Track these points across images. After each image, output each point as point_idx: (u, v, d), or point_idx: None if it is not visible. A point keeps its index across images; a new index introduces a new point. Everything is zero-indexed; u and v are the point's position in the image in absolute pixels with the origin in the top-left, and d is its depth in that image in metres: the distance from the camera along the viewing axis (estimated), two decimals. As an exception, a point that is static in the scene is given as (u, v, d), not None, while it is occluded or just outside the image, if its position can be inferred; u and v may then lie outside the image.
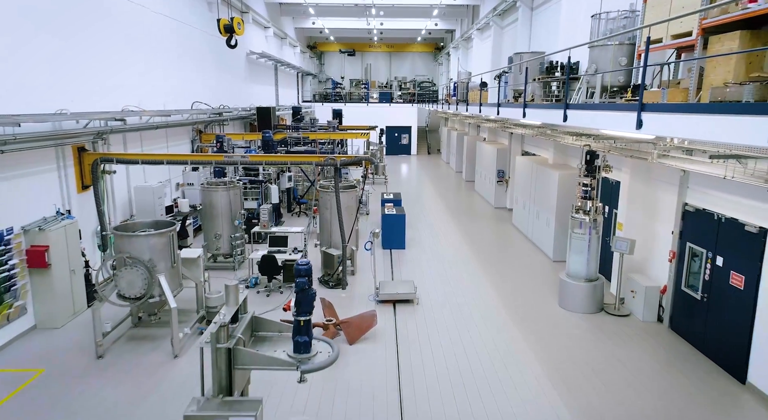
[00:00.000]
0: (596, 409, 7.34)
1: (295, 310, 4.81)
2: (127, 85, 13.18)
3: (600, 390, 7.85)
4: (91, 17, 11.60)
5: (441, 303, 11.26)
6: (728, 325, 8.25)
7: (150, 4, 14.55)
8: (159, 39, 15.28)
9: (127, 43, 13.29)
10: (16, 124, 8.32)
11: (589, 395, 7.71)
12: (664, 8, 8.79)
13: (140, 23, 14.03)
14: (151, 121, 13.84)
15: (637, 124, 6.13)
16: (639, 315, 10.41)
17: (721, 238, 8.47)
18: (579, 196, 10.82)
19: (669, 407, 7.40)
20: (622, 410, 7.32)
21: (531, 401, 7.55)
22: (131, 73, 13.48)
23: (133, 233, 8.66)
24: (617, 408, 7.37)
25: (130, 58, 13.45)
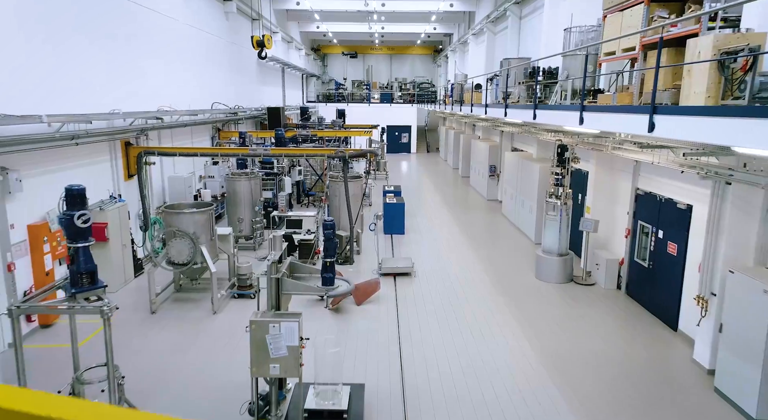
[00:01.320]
0: (557, 352, 9.21)
1: (323, 253, 6.69)
2: (161, 88, 15.05)
3: (562, 339, 9.72)
4: (131, 28, 13.46)
5: (435, 276, 13.15)
6: (665, 286, 10.12)
7: (179, 17, 16.44)
8: (185, 46, 17.16)
9: (161, 50, 15.16)
10: (88, 122, 10.21)
11: (554, 342, 9.59)
12: (618, 26, 10.67)
13: (171, 33, 15.90)
14: (180, 120, 15.72)
15: (579, 120, 8.01)
16: (602, 284, 12.29)
17: (662, 215, 10.35)
18: (552, 184, 12.72)
19: (615, 348, 9.28)
20: (580, 352, 9.20)
21: (507, 347, 9.42)
22: (164, 77, 15.35)
23: (181, 211, 10.56)
24: (576, 350, 9.25)
25: (163, 63, 15.32)
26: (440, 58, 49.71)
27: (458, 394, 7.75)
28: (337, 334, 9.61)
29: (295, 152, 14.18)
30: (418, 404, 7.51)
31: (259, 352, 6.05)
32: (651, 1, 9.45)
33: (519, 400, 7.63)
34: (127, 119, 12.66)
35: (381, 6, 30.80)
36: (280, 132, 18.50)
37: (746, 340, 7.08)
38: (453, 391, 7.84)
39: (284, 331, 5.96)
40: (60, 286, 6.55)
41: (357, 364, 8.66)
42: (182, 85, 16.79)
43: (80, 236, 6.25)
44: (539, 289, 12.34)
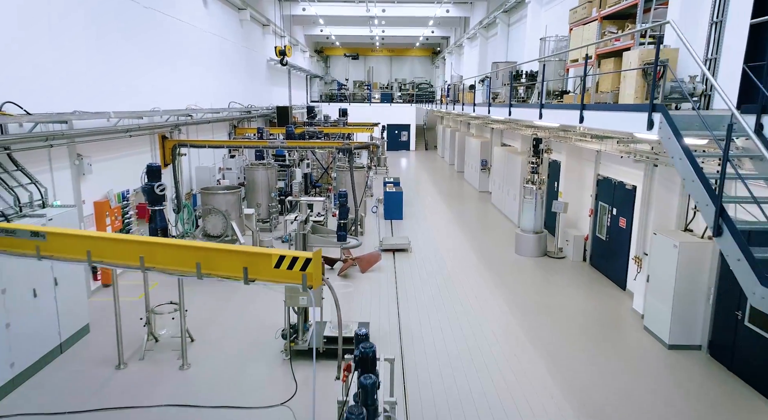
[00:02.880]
0: (527, 306, 11.29)
1: (338, 217, 8.78)
2: (188, 89, 17.14)
3: (533, 298, 11.79)
4: (164, 36, 15.53)
5: (428, 252, 15.24)
6: (618, 255, 12.21)
7: (201, 25, 18.52)
8: (207, 51, 19.25)
9: (187, 55, 17.24)
10: (139, 117, 12.31)
11: (525, 300, 11.67)
12: (580, 38, 12.76)
13: (195, 39, 17.98)
14: (204, 117, 17.81)
15: (539, 115, 10.10)
16: (571, 257, 14.38)
17: (616, 195, 12.44)
18: (529, 171, 14.81)
19: (574, 304, 11.37)
20: (545, 307, 11.29)
21: (485, 303, 11.51)
22: (190, 79, 17.44)
23: (216, 192, 12.65)
24: (542, 306, 11.34)
25: (189, 67, 17.41)
26: (438, 59, 51.79)
27: (444, 335, 9.84)
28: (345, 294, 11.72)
29: (307, 144, 16.26)
30: (411, 337, 9.60)
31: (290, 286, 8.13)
32: (603, 19, 11.58)
33: (492, 338, 9.72)
34: (164, 116, 14.75)
35: (382, 12, 32.89)
36: (291, 128, 20.60)
37: (663, 285, 9.17)
38: (439, 332, 9.93)
39: (310, 271, 8.05)
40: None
41: (362, 313, 10.74)
42: (204, 86, 18.88)
43: (157, 201, 8.34)
44: (517, 261, 14.44)
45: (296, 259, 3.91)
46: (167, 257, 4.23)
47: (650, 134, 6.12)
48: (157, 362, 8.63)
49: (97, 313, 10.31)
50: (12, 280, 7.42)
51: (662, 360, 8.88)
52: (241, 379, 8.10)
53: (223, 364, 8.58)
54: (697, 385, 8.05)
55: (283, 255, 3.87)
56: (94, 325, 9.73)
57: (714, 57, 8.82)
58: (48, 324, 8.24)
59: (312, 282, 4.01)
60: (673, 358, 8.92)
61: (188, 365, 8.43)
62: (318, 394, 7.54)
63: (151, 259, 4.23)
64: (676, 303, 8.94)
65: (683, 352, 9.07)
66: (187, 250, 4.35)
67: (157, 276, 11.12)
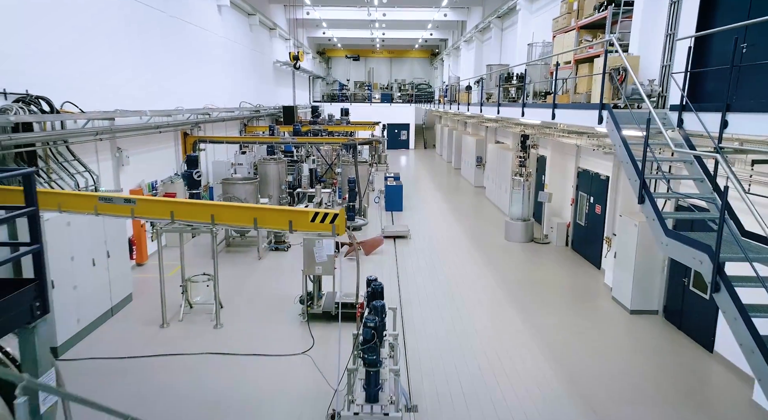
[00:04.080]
0: (511, 280, 12.79)
1: (348, 199, 10.25)
2: (205, 89, 18.63)
3: (517, 275, 13.29)
4: (185, 41, 17.02)
5: (426, 238, 16.74)
6: (594, 239, 13.70)
7: (216, 30, 20.02)
8: (221, 54, 20.74)
9: (204, 58, 18.73)
10: (168, 116, 13.80)
11: (511, 275, 13.18)
12: (561, 45, 14.24)
13: (211, 44, 19.47)
14: (219, 116, 19.30)
15: (521, 113, 11.60)
16: (555, 242, 15.88)
17: (593, 185, 13.94)
18: (517, 165, 16.31)
19: (553, 280, 12.87)
20: (527, 281, 12.80)
21: (476, 279, 13.02)
22: (206, 80, 18.93)
23: (236, 182, 14.15)
24: (525, 280, 12.85)
25: (205, 69, 18.90)
26: (437, 61, 53.30)
27: (437, 302, 11.34)
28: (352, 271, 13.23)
29: (316, 140, 17.75)
30: (410, 303, 11.09)
31: (309, 258, 9.62)
32: (580, 28, 13.07)
33: (479, 304, 11.22)
34: (186, 114, 16.25)
35: (382, 16, 34.39)
36: (298, 126, 22.09)
37: (626, 259, 10.67)
38: (434, 300, 11.43)
39: (324, 245, 9.54)
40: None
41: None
42: (219, 87, 20.37)
43: (194, 186, 9.82)
44: (506, 246, 15.95)
45: (327, 214, 5.34)
46: (231, 215, 5.66)
47: (601, 127, 7.61)
48: (194, 323, 10.13)
49: (135, 286, 11.80)
50: (77, 250, 8.91)
51: (625, 323, 10.38)
52: (267, 336, 9.59)
53: (250, 324, 10.07)
54: (653, 343, 9.55)
55: (318, 212, 5.30)
56: (135, 296, 11.22)
57: (669, 63, 10.31)
58: (103, 289, 9.74)
59: (339, 231, 5.47)
60: (634, 322, 10.42)
61: (221, 325, 9.93)
62: (332, 346, 9.06)
63: (220, 218, 5.65)
64: (637, 274, 10.45)
65: (643, 316, 10.58)
66: (246, 209, 5.79)
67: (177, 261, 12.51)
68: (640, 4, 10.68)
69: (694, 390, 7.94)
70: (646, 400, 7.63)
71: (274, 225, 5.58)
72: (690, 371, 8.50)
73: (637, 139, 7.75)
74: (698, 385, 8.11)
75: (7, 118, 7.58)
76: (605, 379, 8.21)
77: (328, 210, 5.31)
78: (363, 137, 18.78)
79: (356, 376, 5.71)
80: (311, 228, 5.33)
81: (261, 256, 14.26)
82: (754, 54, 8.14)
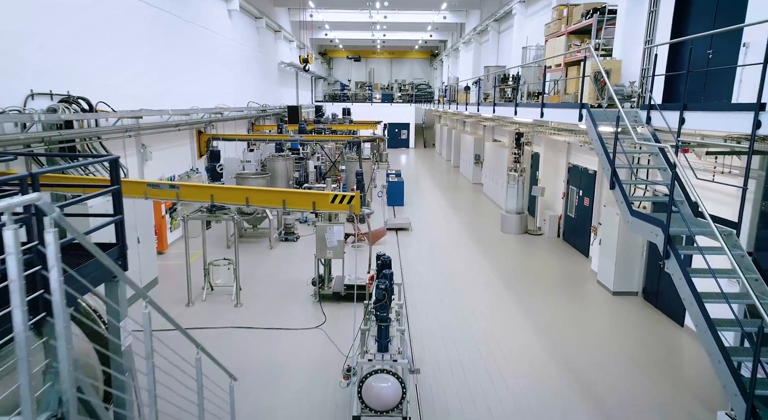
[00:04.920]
0: (506, 269, 13.81)
1: (357, 188, 11.26)
2: (216, 89, 19.63)
3: (512, 262, 14.32)
4: (198, 45, 18.02)
5: (426, 230, 17.76)
6: (583, 229, 14.72)
7: (227, 33, 21.02)
8: (230, 56, 21.74)
9: (215, 60, 19.74)
10: (187, 114, 14.80)
11: (505, 263, 14.20)
12: (553, 49, 15.25)
13: (221, 46, 20.47)
14: (230, 115, 20.31)
15: (514, 112, 12.61)
16: (547, 234, 16.90)
17: (582, 179, 14.96)
18: (512, 161, 17.34)
19: (545, 266, 13.90)
20: (521, 268, 13.82)
21: (473, 266, 14.04)
22: (217, 81, 19.93)
23: (249, 176, 15.16)
24: (518, 267, 13.87)
25: (216, 70, 19.89)
26: (436, 61, 54.33)
27: (437, 287, 12.36)
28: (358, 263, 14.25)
29: (322, 138, 18.77)
30: (411, 288, 12.11)
31: (321, 243, 10.63)
32: (569, 33, 14.07)
33: (475, 288, 12.24)
34: (201, 113, 17.26)
35: (383, 18, 35.41)
36: (303, 125, 23.11)
37: (609, 246, 11.69)
38: (434, 285, 12.45)
39: (335, 230, 10.55)
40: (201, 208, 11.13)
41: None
42: (229, 88, 21.38)
43: (217, 178, 10.83)
44: (502, 237, 16.97)
45: (345, 196, 6.33)
46: (263, 198, 6.64)
47: (581, 124, 8.63)
48: (216, 302, 11.14)
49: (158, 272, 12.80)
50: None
51: (608, 303, 11.40)
52: (283, 313, 10.60)
53: (267, 303, 11.08)
54: (632, 319, 10.57)
55: (336, 194, 6.28)
56: (159, 280, 12.23)
57: (647, 67, 11.33)
58: (134, 272, 10.73)
59: (355, 210, 6.47)
60: (616, 302, 11.44)
61: (241, 304, 10.94)
62: (342, 322, 10.09)
63: (253, 200, 6.62)
64: (619, 259, 11.47)
65: (624, 297, 11.60)
66: (276, 193, 6.79)
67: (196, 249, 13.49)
68: (622, 13, 11.71)
69: (665, 358, 8.96)
70: (623, 367, 8.66)
71: (300, 206, 6.55)
72: (662, 343, 9.52)
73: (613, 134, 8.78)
74: (668, 353, 9.13)
75: (59, 116, 8.59)
76: (588, 350, 9.23)
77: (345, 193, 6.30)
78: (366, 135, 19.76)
79: (368, 335, 6.72)
80: (331, 208, 6.32)
81: (272, 246, 15.28)
82: (719, 59, 9.18)
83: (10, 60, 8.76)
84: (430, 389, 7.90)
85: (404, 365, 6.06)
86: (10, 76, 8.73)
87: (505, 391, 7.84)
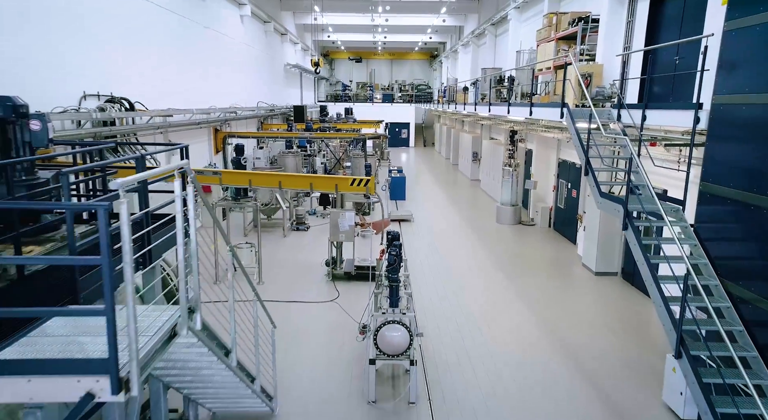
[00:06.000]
0: (500, 253, 15.14)
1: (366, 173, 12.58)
2: (229, 90, 20.94)
3: (506, 249, 15.63)
4: (215, 49, 19.33)
5: (426, 222, 19.08)
6: (572, 219, 16.04)
7: (239, 37, 22.34)
8: (242, 59, 23.06)
9: (229, 62, 21.05)
10: (207, 113, 16.11)
11: (499, 250, 15.53)
12: (544, 53, 16.57)
13: (234, 50, 21.79)
14: (243, 114, 21.62)
15: (507, 111, 13.93)
16: (539, 224, 18.24)
17: (570, 173, 16.28)
18: (506, 157, 18.67)
19: (536, 252, 15.23)
20: (514, 254, 15.15)
21: (470, 251, 15.36)
22: (232, 82, 21.24)
23: (263, 171, 16.47)
24: (511, 254, 15.19)
25: (230, 72, 21.21)
26: (436, 63, 55.67)
27: (438, 271, 13.68)
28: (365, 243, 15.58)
29: (330, 136, 20.12)
30: (414, 273, 13.43)
31: (334, 228, 11.94)
32: (558, 39, 15.39)
33: (473, 274, 13.56)
34: (218, 113, 18.58)
35: (385, 21, 36.74)
36: (310, 124, 24.43)
37: (592, 231, 13.02)
38: (435, 268, 13.76)
39: (346, 216, 11.86)
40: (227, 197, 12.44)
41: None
42: (241, 88, 22.70)
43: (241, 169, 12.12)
44: (497, 227, 18.31)
45: (362, 179, 7.61)
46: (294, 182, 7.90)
47: (563, 121, 9.95)
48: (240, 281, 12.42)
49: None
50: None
51: (591, 283, 12.72)
52: (301, 289, 11.92)
53: (286, 282, 12.40)
54: (611, 295, 11.90)
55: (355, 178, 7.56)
56: (187, 262, 13.52)
57: (626, 70, 12.65)
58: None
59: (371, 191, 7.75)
60: (597, 281, 12.77)
61: (263, 282, 12.26)
62: (353, 297, 11.40)
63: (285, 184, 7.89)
64: (600, 243, 12.80)
65: (605, 277, 12.93)
66: (305, 177, 8.07)
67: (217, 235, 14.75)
68: (604, 22, 13.05)
69: (636, 326, 10.29)
70: (599, 332, 9.98)
71: (324, 188, 7.83)
72: (635, 314, 10.85)
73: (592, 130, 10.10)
74: (639, 322, 10.46)
75: (109, 114, 9.90)
76: (570, 319, 10.56)
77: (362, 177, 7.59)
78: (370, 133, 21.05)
79: (381, 297, 8.04)
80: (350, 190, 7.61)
81: (285, 235, 16.59)
82: (684, 64, 10.50)
83: (67, 64, 10.07)
84: (431, 348, 9.22)
85: (411, 318, 7.38)
86: (67, 79, 10.04)
87: (496, 349, 9.16)
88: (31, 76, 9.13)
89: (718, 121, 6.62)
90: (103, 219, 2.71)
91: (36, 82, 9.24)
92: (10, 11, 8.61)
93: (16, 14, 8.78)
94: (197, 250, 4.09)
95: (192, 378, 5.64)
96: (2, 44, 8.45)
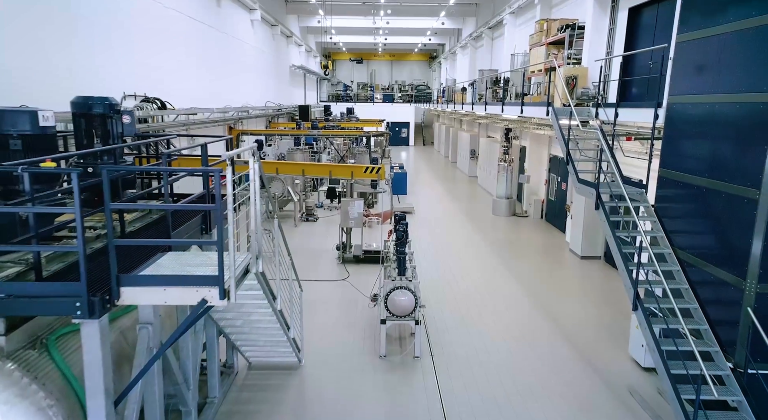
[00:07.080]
0: (496, 241, 16.47)
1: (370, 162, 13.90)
2: (242, 90, 22.25)
3: (501, 237, 16.97)
4: (231, 53, 20.65)
5: (427, 213, 20.42)
6: (562, 210, 17.37)
7: (250, 41, 23.65)
8: (253, 61, 24.37)
9: (241, 64, 22.36)
10: (225, 112, 17.41)
11: (495, 238, 16.87)
12: (536, 56, 17.88)
13: (246, 52, 23.10)
14: (253, 113, 22.93)
15: (501, 110, 15.25)
16: (533, 216, 19.57)
17: (560, 167, 17.61)
18: (501, 153, 20.01)
19: (528, 240, 16.56)
20: (508, 241, 16.49)
21: (468, 240, 16.69)
22: (243, 82, 22.54)
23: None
24: (506, 240, 16.53)
25: (241, 73, 22.51)
26: (435, 64, 57.02)
27: (438, 256, 15.01)
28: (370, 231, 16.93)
29: (337, 133, 21.45)
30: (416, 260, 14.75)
31: (345, 215, 13.26)
32: (548, 44, 16.71)
33: (470, 259, 14.89)
34: (232, 112, 19.88)
35: (386, 23, 38.07)
36: (315, 123, 25.74)
37: (578, 218, 14.34)
38: (436, 254, 15.10)
39: (356, 204, 13.18)
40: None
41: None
42: (251, 89, 24.01)
43: (260, 163, 13.43)
44: (492, 218, 19.64)
45: (374, 167, 8.91)
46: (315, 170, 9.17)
47: (548, 118, 11.27)
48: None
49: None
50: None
51: (577, 265, 14.06)
52: (315, 270, 13.24)
53: (300, 264, 13.62)
54: (593, 275, 13.24)
55: (368, 166, 8.85)
56: (209, 247, 14.86)
57: (608, 73, 13.96)
58: (194, 237, 13.36)
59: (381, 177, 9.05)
60: (583, 264, 14.10)
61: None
62: (362, 278, 12.72)
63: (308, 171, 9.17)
64: (585, 229, 14.14)
65: (589, 260, 14.27)
66: (324, 166, 9.35)
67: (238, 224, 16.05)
68: (588, 29, 14.36)
69: (615, 300, 11.62)
70: (580, 304, 11.32)
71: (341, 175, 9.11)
72: (613, 290, 12.19)
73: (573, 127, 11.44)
74: (618, 297, 11.79)
75: (148, 112, 11.21)
76: (556, 294, 11.90)
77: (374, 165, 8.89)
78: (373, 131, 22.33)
79: (390, 268, 9.36)
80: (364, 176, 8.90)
81: (296, 225, 17.91)
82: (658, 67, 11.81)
83: (110, 68, 11.38)
84: (433, 316, 10.55)
85: (416, 284, 8.70)
86: (113, 82, 11.36)
87: (488, 316, 10.50)
88: (91, 79, 10.45)
89: (672, 117, 7.95)
90: (217, 180, 4.02)
91: (89, 84, 10.55)
92: (62, 29, 9.93)
93: (69, 33, 10.10)
94: (260, 211, 5.40)
95: (242, 322, 6.95)
96: (62, 55, 9.76)
